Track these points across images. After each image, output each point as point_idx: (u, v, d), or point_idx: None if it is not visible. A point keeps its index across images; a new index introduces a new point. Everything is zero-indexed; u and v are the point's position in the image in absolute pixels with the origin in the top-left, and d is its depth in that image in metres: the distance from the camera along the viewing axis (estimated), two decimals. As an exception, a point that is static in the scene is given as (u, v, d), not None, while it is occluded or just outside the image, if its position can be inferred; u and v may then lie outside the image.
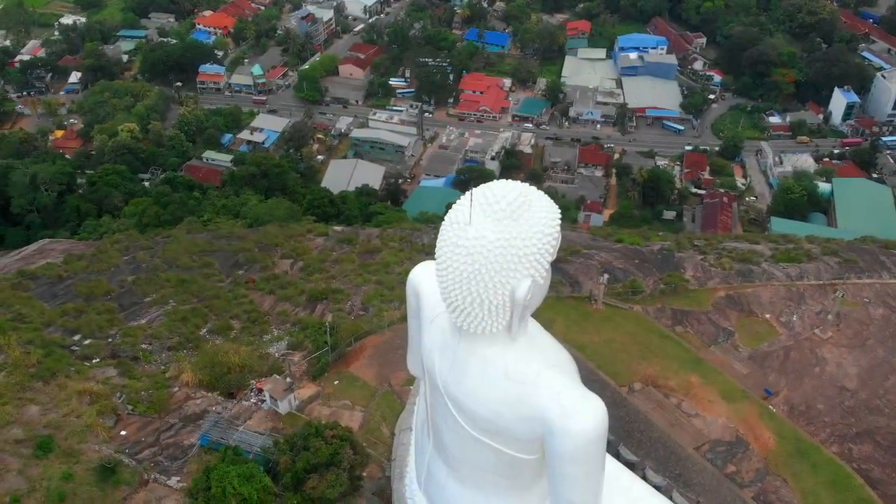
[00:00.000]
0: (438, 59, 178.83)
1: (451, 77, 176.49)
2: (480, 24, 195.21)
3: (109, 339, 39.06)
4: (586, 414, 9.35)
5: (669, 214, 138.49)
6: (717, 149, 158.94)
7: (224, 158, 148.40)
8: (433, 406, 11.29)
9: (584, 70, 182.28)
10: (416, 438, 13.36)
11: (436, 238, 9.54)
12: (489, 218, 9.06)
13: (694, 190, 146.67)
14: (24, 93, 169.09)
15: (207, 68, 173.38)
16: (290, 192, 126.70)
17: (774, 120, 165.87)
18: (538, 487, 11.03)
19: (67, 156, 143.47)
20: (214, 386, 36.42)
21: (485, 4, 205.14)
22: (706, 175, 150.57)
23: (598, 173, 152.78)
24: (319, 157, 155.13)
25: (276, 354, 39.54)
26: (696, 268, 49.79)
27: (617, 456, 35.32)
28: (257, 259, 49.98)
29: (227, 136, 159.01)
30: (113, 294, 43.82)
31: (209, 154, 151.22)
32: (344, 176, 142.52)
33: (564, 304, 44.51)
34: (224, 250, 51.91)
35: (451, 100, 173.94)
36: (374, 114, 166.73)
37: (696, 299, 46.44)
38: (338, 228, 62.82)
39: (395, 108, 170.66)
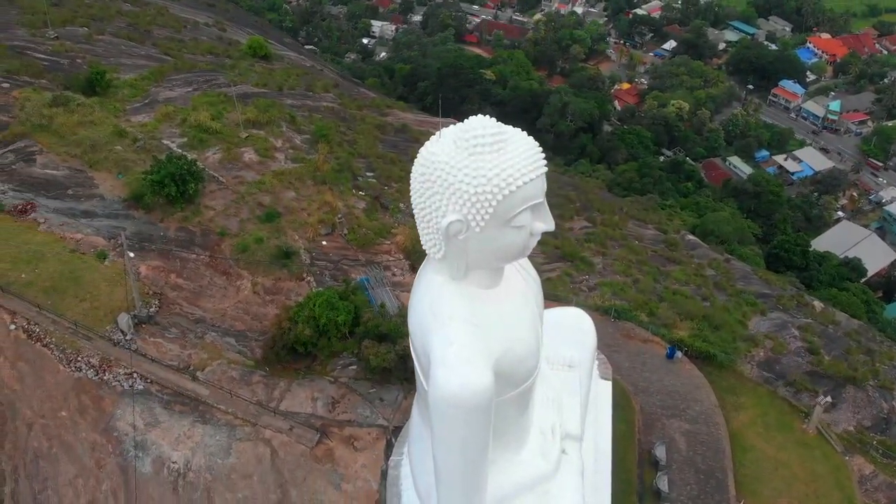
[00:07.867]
0: None
1: None
2: None
3: (386, 188, 46.86)
4: (456, 374, 8.97)
5: None
6: None
7: (745, 169, 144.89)
8: None
9: None
10: None
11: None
12: (454, 144, 9.04)
13: None
14: (621, 41, 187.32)
15: (788, 84, 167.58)
16: (770, 223, 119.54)
17: None
18: None
19: (618, 106, 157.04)
20: (410, 256, 41.70)
21: None
22: None
23: None
24: (839, 213, 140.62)
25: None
26: None
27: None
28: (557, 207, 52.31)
29: (763, 153, 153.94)
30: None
31: (734, 160, 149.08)
32: (845, 241, 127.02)
33: (773, 402, 37.71)
34: (556, 195, 55.17)
35: None
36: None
37: (954, 509, 34.56)
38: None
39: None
